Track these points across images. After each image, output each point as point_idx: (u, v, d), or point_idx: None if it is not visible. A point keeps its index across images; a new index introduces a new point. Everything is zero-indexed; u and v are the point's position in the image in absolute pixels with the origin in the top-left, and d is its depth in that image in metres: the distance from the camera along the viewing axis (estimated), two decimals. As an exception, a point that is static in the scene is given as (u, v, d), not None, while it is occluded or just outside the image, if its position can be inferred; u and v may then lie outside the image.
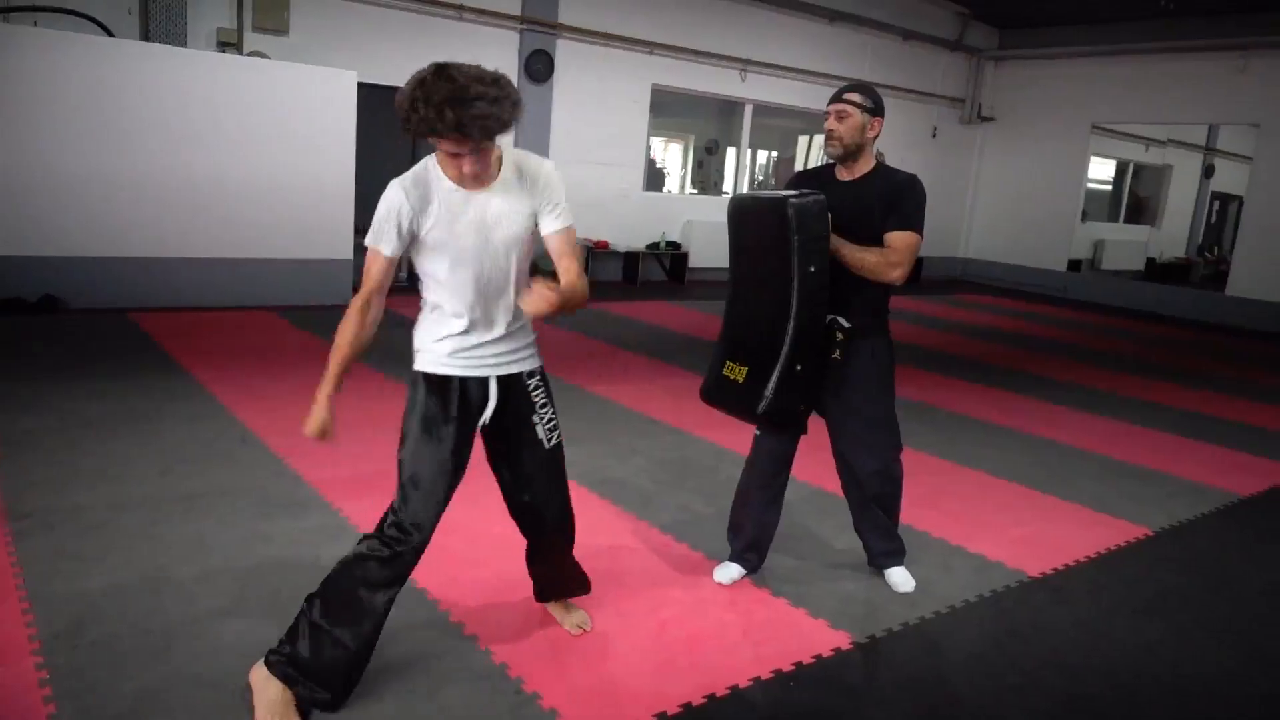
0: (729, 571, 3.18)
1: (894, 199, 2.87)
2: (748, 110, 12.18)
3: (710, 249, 11.74)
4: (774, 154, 14.34)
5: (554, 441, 2.53)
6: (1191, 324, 11.51)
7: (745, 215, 2.96)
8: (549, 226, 2.36)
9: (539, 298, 2.11)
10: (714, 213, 11.94)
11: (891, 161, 3.08)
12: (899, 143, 13.38)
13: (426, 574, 3.02)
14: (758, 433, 3.15)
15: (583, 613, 2.78)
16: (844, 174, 2.98)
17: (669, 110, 12.42)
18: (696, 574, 3.17)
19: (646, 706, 2.37)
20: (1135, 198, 17.19)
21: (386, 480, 3.85)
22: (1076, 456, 5.01)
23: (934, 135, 13.88)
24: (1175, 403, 6.69)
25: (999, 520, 3.93)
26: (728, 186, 13.03)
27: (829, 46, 12.34)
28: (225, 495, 3.57)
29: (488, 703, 2.34)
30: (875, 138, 2.93)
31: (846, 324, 2.92)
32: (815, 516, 3.83)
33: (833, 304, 2.86)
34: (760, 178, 14.10)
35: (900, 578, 3.21)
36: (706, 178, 13.59)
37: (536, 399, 2.48)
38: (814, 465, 4.51)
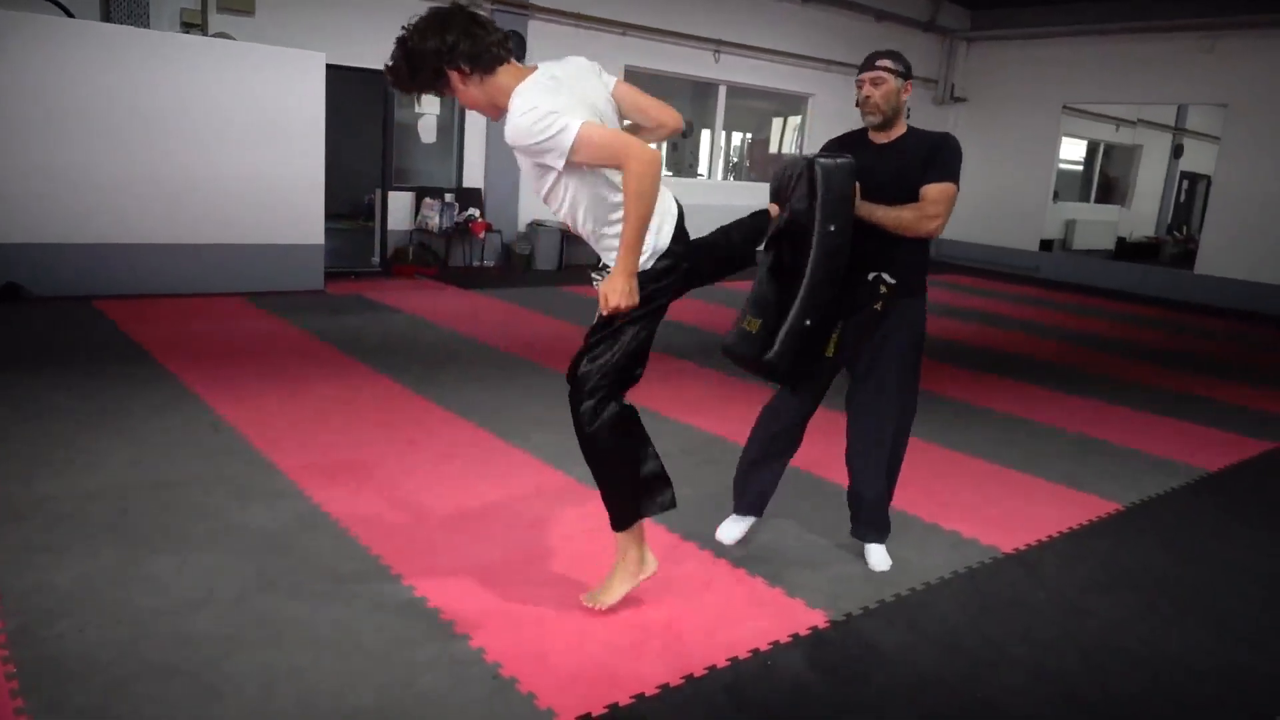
0: (734, 529, 3.30)
1: (931, 154, 2.94)
2: (722, 92, 12.14)
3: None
4: (749, 136, 14.31)
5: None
6: (1161, 302, 11.66)
7: (782, 177, 2.97)
8: None
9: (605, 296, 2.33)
10: (689, 195, 11.88)
11: None
12: (873, 124, 13.42)
13: (402, 561, 3.00)
14: (775, 390, 3.23)
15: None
16: (879, 137, 3.04)
17: (643, 91, 12.35)
18: (674, 555, 3.17)
19: (625, 688, 2.37)
20: (1106, 178, 17.35)
21: (360, 468, 3.84)
22: (1048, 434, 5.06)
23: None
24: (1145, 380, 6.78)
25: (973, 498, 3.97)
26: (702, 169, 12.99)
27: (802, 27, 12.31)
28: (196, 484, 3.53)
29: (466, 689, 2.33)
30: (907, 101, 3.02)
31: (891, 280, 2.96)
32: (791, 497, 3.84)
33: (876, 262, 2.93)
34: (735, 160, 14.08)
35: (878, 557, 3.23)
36: (681, 160, 13.54)
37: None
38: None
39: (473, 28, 2.28)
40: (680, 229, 2.59)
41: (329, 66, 7.77)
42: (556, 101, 2.22)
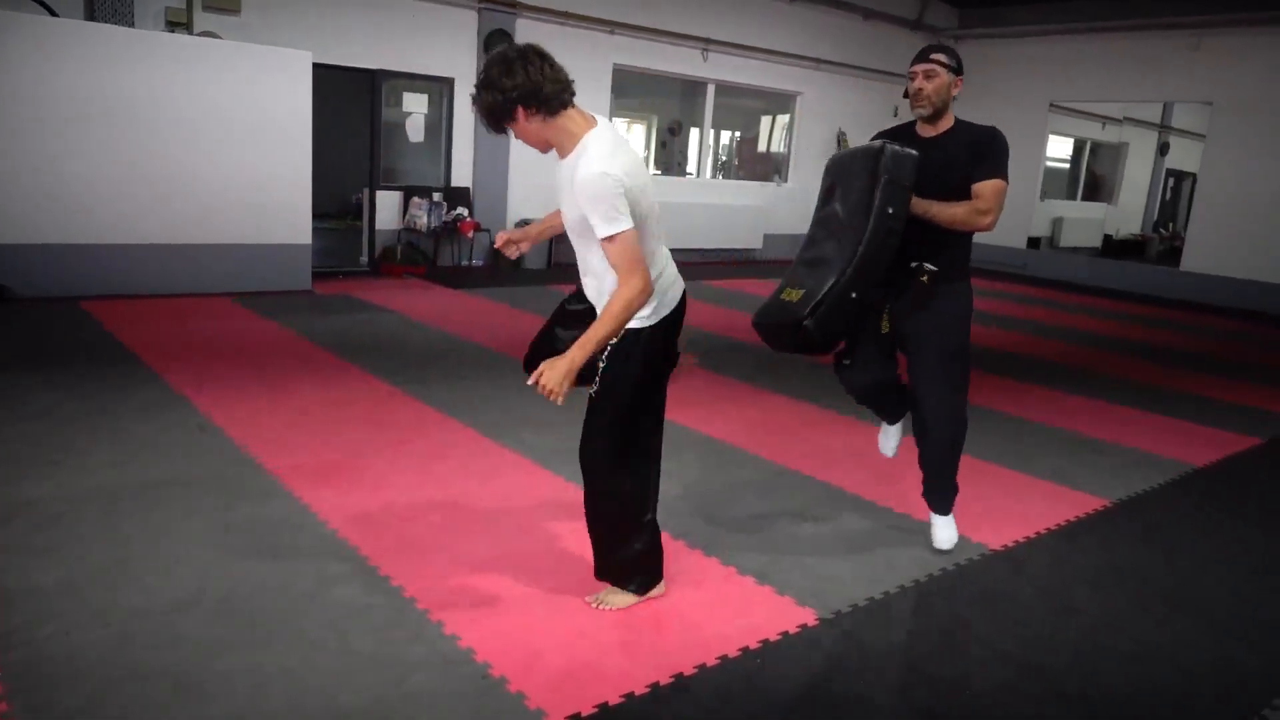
0: (890, 439, 3.57)
1: (980, 150, 3.02)
2: (710, 90, 12.14)
3: (674, 230, 11.71)
4: (737, 134, 14.33)
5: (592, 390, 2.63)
6: (1148, 299, 11.73)
7: (841, 163, 3.09)
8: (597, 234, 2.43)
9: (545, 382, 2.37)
10: (678, 193, 11.92)
11: (854, 141, 3.15)
12: (861, 122, 13.44)
13: (391, 561, 2.99)
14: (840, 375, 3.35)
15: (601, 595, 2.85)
16: (927, 131, 3.11)
17: (631, 90, 12.35)
18: (664, 553, 3.17)
19: (615, 687, 2.37)
20: (1092, 175, 17.43)
21: (348, 469, 3.82)
22: (1036, 431, 5.08)
23: (895, 114, 13.93)
24: (1132, 376, 6.82)
25: (962, 495, 3.95)
26: (691, 167, 13.00)
27: (790, 26, 12.33)
28: (183, 485, 3.51)
29: (456, 689, 2.32)
30: (957, 96, 3.07)
31: (933, 267, 3.06)
32: (781, 495, 3.85)
33: (922, 252, 3.03)
34: (724, 158, 14.09)
35: (940, 530, 3.35)
36: (670, 158, 13.55)
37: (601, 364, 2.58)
38: (779, 444, 4.53)
39: (547, 70, 2.43)
40: (676, 317, 2.69)
41: (316, 65, 7.74)
42: (616, 189, 2.36)
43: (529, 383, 2.45)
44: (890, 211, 2.85)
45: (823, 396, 5.51)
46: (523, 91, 2.40)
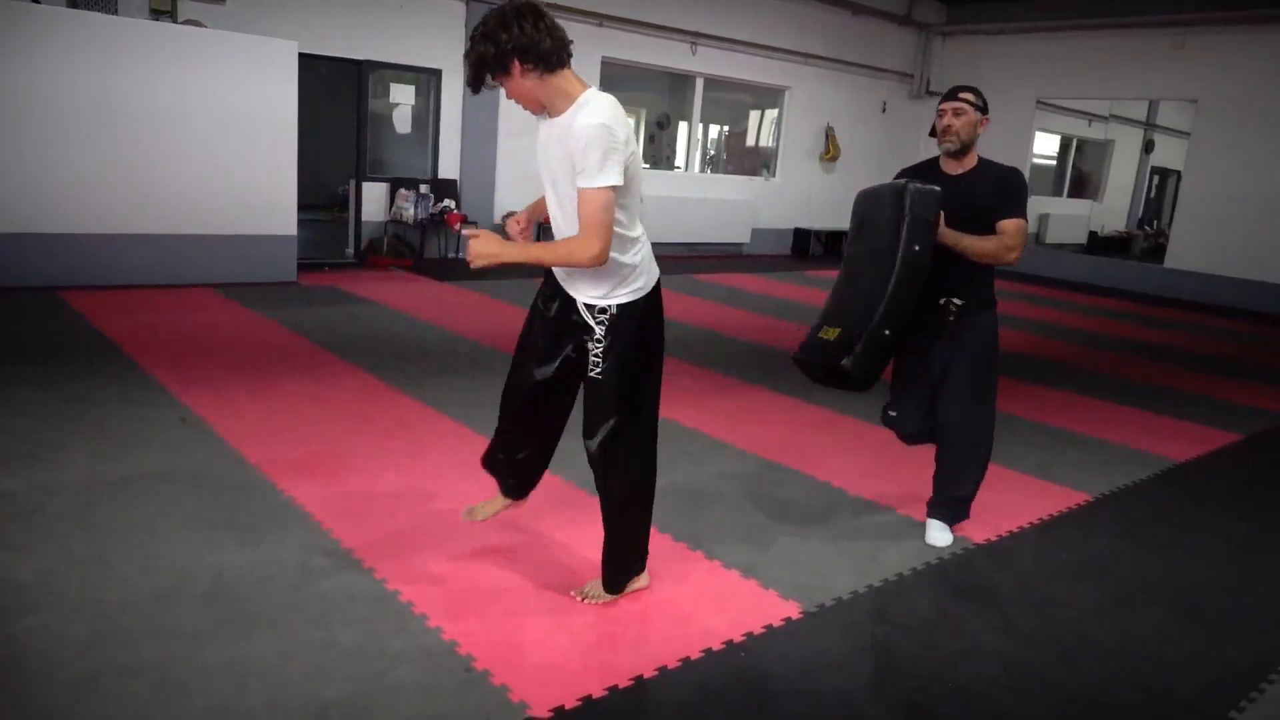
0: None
1: (1003, 190, 3.18)
2: (699, 84, 12.12)
3: (662, 224, 11.69)
4: (725, 128, 14.31)
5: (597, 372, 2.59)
6: (1132, 296, 11.80)
7: (868, 200, 3.21)
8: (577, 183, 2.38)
9: (474, 243, 2.36)
10: (666, 187, 11.91)
11: (842, 136, 3.20)
12: (848, 117, 13.46)
13: (374, 554, 2.98)
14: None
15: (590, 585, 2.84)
16: (952, 168, 3.25)
17: (620, 84, 12.29)
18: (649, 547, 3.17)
19: (598, 680, 2.37)
20: (1078, 172, 17.52)
21: (332, 461, 3.80)
22: (1020, 426, 5.10)
23: (883, 110, 13.97)
24: (1115, 372, 6.86)
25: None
26: (680, 161, 12.98)
27: (779, 20, 12.31)
28: (164, 479, 3.48)
29: (438, 681, 2.32)
30: (982, 134, 3.23)
31: (960, 301, 3.21)
32: (766, 488, 3.85)
33: (949, 287, 3.18)
34: (712, 152, 14.08)
35: (938, 534, 3.42)
36: (658, 152, 13.52)
37: (597, 330, 2.55)
38: (766, 438, 4.54)
39: (545, 26, 2.40)
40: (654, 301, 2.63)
41: (302, 55, 7.67)
42: (614, 143, 2.32)
43: (465, 233, 2.48)
44: (916, 249, 2.97)
45: (810, 391, 5.52)
46: (519, 44, 2.35)
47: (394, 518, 3.30)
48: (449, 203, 9.58)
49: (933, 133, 3.27)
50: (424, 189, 9.49)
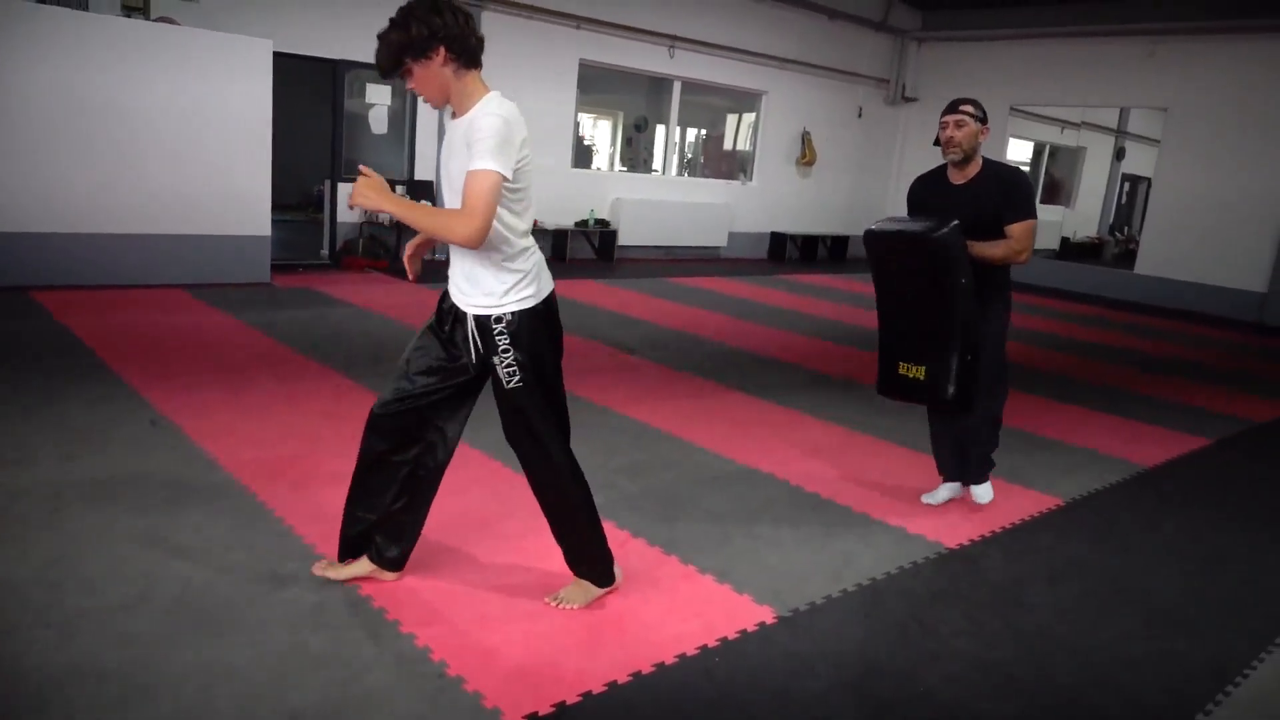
0: (939, 494, 3.89)
1: (1008, 194, 3.45)
2: (676, 87, 12.15)
3: (639, 227, 11.71)
4: (703, 132, 14.35)
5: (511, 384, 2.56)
6: (1103, 301, 11.95)
7: (889, 249, 3.51)
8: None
9: (362, 182, 2.37)
10: (643, 190, 11.92)
11: (818, 140, 3.28)
12: (825, 122, 13.53)
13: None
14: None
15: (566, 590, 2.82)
16: (957, 177, 3.53)
17: (597, 86, 12.31)
18: (622, 552, 3.16)
19: (572, 686, 2.36)
20: (1051, 179, 17.72)
21: (303, 464, 3.76)
22: (993, 430, 5.15)
23: (859, 115, 14.06)
24: (1087, 377, 6.94)
25: (918, 494, 4.02)
26: (657, 164, 13.00)
27: (757, 24, 12.37)
28: (132, 481, 3.43)
29: (410, 689, 2.30)
30: (983, 143, 3.47)
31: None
32: (741, 493, 3.86)
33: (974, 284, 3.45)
34: (690, 156, 14.10)
35: (981, 492, 3.85)
36: (636, 155, 13.53)
37: (499, 342, 2.53)
38: (740, 442, 4.55)
39: (470, 24, 2.43)
40: (549, 310, 2.63)
41: (277, 54, 7.61)
42: (511, 138, 2.36)
43: (360, 168, 2.47)
44: (963, 281, 3.33)
45: (783, 395, 5.54)
46: (451, 33, 2.36)
47: (367, 522, 3.26)
48: (425, 204, 9.53)
49: (936, 142, 3.50)
50: (400, 190, 9.44)
